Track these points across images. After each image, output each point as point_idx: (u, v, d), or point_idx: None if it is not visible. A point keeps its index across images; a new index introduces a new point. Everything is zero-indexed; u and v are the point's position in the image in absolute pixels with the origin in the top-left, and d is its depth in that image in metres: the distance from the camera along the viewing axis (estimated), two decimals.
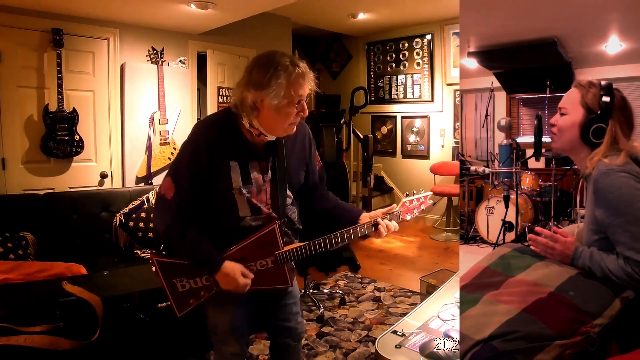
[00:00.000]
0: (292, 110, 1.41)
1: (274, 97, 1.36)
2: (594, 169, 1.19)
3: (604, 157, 1.19)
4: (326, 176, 1.78)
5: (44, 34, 3.43)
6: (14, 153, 3.41)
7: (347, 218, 1.64)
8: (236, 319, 1.63)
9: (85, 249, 3.20)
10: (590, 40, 3.69)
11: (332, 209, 1.70)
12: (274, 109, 1.38)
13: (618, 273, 1.13)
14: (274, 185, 1.54)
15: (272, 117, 1.41)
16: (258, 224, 1.52)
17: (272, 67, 1.36)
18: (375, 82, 6.37)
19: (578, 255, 1.22)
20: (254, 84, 1.38)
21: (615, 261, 1.14)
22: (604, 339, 1.07)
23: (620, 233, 1.13)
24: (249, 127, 1.45)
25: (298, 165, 1.61)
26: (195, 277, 1.53)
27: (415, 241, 5.22)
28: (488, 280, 1.28)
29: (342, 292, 3.59)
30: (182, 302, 1.55)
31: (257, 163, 1.51)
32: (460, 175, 4.37)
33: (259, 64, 1.40)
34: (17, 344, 1.96)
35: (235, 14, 3.82)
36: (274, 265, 1.55)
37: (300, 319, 1.80)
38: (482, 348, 1.08)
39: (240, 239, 1.50)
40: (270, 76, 1.35)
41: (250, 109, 1.40)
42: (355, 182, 5.89)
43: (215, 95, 4.52)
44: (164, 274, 1.53)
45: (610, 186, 1.14)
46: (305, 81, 1.40)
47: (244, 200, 1.48)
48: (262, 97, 1.38)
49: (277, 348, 1.81)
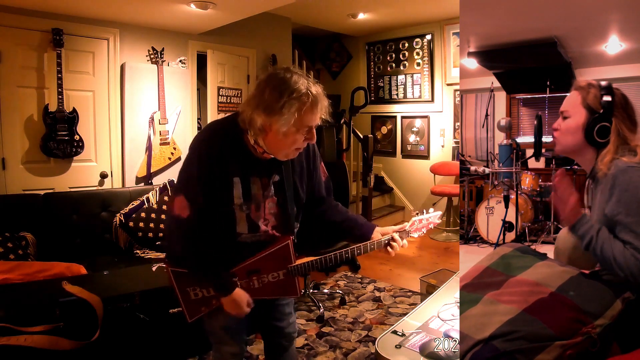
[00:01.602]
0: (299, 137, 1.38)
1: (283, 124, 1.31)
2: (612, 168, 1.18)
3: (621, 156, 1.19)
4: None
5: (44, 34, 3.42)
6: (14, 153, 3.41)
7: (359, 232, 1.62)
8: (234, 320, 1.63)
9: (85, 249, 3.20)
10: (590, 40, 3.69)
11: (343, 222, 1.67)
12: (282, 134, 1.34)
13: (620, 259, 1.10)
14: (278, 200, 1.52)
15: (279, 141, 1.37)
16: (255, 240, 1.51)
17: (287, 94, 1.29)
18: (375, 82, 6.37)
19: (584, 221, 1.19)
20: (265, 108, 1.32)
21: (623, 250, 1.11)
22: (604, 339, 1.07)
23: (628, 231, 1.12)
24: (254, 143, 1.42)
25: (302, 179, 1.59)
26: (209, 287, 1.56)
27: (415, 241, 5.22)
28: (489, 280, 1.28)
29: (342, 292, 3.59)
30: (194, 309, 1.59)
31: (259, 179, 1.48)
32: (460, 175, 4.38)
33: (272, 85, 1.32)
34: (17, 344, 1.97)
35: (235, 14, 3.82)
36: (285, 277, 1.57)
37: (293, 319, 1.80)
38: (483, 348, 1.08)
39: (239, 253, 1.51)
40: (284, 104, 1.29)
41: (258, 131, 1.36)
42: (355, 182, 5.89)
43: (215, 95, 4.52)
44: (178, 283, 1.56)
45: (627, 183, 1.14)
46: (318, 110, 1.36)
47: (243, 217, 1.47)
48: (271, 122, 1.33)
49: (271, 349, 1.82)
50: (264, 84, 1.35)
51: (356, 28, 5.94)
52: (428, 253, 4.79)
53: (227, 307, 1.51)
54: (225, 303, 1.51)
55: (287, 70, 1.36)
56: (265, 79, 1.37)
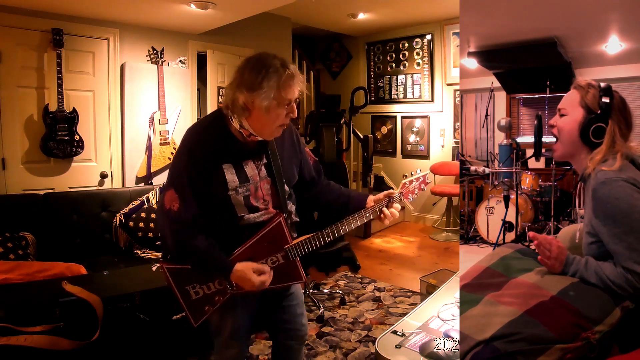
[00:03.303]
0: (281, 112, 1.43)
1: (264, 98, 1.38)
2: (593, 177, 1.19)
3: (603, 162, 1.19)
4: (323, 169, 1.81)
5: (44, 34, 3.42)
6: (14, 153, 3.40)
7: (354, 205, 1.67)
8: (239, 321, 1.63)
9: (85, 249, 3.20)
10: (590, 40, 3.69)
11: (337, 199, 1.73)
12: (264, 110, 1.40)
13: (617, 281, 1.12)
14: (271, 181, 1.56)
15: (262, 118, 1.43)
16: (259, 219, 1.53)
17: (264, 69, 1.38)
18: (375, 82, 6.37)
19: (570, 262, 1.22)
20: (246, 86, 1.39)
21: (614, 269, 1.13)
22: (603, 346, 1.07)
23: (617, 243, 1.13)
24: (239, 127, 1.47)
25: (290, 161, 1.64)
26: (208, 281, 1.53)
27: (415, 241, 5.22)
28: (489, 281, 1.28)
29: (342, 292, 3.59)
30: (198, 311, 1.55)
31: (252, 161, 1.53)
32: (460, 175, 4.37)
33: (251, 65, 1.41)
34: (17, 344, 1.96)
35: (235, 14, 3.82)
36: (285, 261, 1.55)
37: (304, 320, 1.80)
38: (484, 348, 1.08)
39: (244, 237, 1.51)
40: (262, 78, 1.37)
41: (241, 110, 1.42)
42: (355, 182, 5.89)
43: (215, 95, 4.52)
44: (175, 282, 1.53)
45: (607, 196, 1.14)
46: (295, 83, 1.43)
47: (241, 200, 1.49)
48: (253, 99, 1.39)
49: (279, 349, 1.81)
50: (243, 66, 1.44)
51: (356, 28, 5.94)
52: (428, 253, 4.79)
53: (240, 285, 1.51)
54: (235, 282, 1.51)
55: (262, 53, 1.45)
56: (243, 62, 1.45)
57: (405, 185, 1.71)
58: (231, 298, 1.55)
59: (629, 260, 1.10)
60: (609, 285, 1.13)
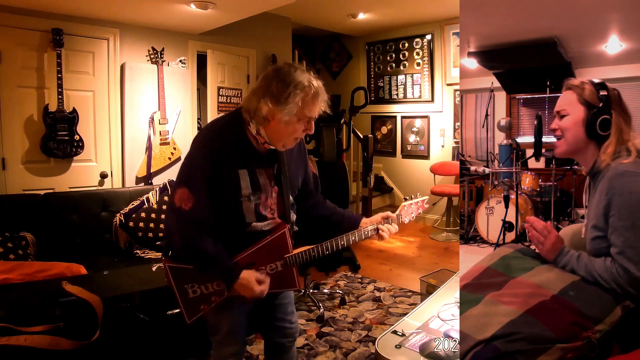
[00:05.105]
0: (299, 127, 1.45)
1: (287, 113, 1.40)
2: (610, 167, 1.20)
3: (618, 154, 1.20)
4: (321, 181, 1.84)
5: (44, 34, 3.42)
6: (14, 153, 3.40)
7: (347, 224, 1.69)
8: (236, 319, 1.64)
9: (85, 249, 3.20)
10: (590, 40, 3.69)
11: (331, 216, 1.75)
12: (284, 123, 1.42)
13: (604, 275, 1.15)
14: (279, 190, 1.57)
15: (280, 130, 1.44)
16: (265, 228, 1.54)
17: (292, 84, 1.39)
18: (375, 82, 6.37)
19: (564, 253, 1.25)
20: (272, 98, 1.40)
21: (603, 264, 1.16)
22: (604, 345, 1.07)
23: (617, 235, 1.14)
24: (256, 134, 1.48)
25: (296, 170, 1.66)
26: (207, 282, 1.54)
27: (415, 241, 5.22)
28: (489, 281, 1.28)
29: (342, 292, 3.59)
30: (193, 308, 1.57)
31: (264, 170, 1.53)
32: (460, 175, 4.37)
33: (280, 77, 1.41)
34: (17, 344, 1.96)
35: (235, 14, 3.82)
36: (283, 269, 1.57)
37: (295, 318, 1.81)
38: (484, 348, 1.08)
39: (248, 243, 1.52)
40: (290, 94, 1.38)
41: (262, 120, 1.43)
42: (355, 182, 5.89)
43: (215, 95, 4.52)
44: (175, 279, 1.54)
45: (622, 188, 1.15)
46: (319, 102, 1.45)
47: (251, 207, 1.50)
48: (275, 112, 1.40)
49: (272, 348, 1.82)
50: (271, 76, 1.43)
51: (356, 28, 5.94)
52: (428, 253, 4.78)
53: (241, 293, 1.51)
54: (236, 288, 1.51)
55: (291, 65, 1.46)
56: (271, 71, 1.45)
57: (404, 208, 1.76)
58: (228, 298, 1.55)
59: (621, 255, 1.12)
60: (595, 278, 1.16)
